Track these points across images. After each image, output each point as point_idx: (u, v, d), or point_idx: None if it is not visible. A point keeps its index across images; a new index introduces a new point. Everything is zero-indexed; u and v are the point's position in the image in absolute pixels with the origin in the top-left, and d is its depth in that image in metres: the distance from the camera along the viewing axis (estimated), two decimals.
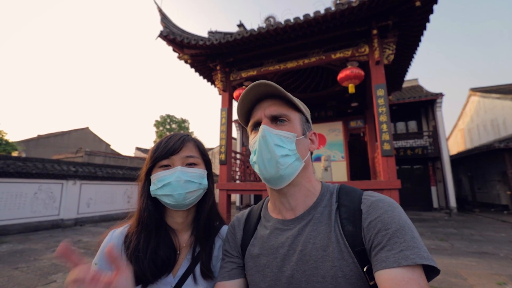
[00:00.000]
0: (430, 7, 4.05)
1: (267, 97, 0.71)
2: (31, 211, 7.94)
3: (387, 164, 4.06)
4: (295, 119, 0.70)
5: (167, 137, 0.81)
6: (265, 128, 0.66)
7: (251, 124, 0.73)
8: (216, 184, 5.22)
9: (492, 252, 4.99)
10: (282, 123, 0.69)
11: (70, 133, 21.95)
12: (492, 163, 12.37)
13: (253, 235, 0.75)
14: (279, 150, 0.65)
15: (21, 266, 4.41)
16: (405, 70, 6.23)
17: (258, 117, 0.70)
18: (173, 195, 0.74)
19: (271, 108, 0.69)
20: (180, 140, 0.79)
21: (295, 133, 0.68)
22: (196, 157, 0.81)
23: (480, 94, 14.91)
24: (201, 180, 0.79)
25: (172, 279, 0.73)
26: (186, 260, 0.77)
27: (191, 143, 0.82)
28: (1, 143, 13.01)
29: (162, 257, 0.73)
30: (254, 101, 0.72)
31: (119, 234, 0.78)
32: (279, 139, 0.66)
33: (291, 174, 0.66)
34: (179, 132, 0.88)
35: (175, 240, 0.79)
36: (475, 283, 3.46)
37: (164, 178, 0.75)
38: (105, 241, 0.77)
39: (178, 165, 0.76)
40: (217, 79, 5.74)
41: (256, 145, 0.67)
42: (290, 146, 0.66)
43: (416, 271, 0.49)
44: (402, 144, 12.17)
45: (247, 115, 0.75)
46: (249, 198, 16.10)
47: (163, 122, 28.96)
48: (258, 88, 0.68)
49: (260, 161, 0.66)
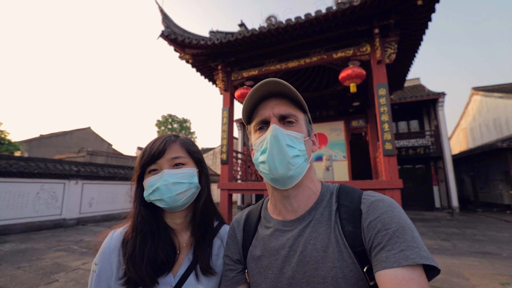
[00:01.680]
0: (432, 6, 4.03)
1: (272, 95, 0.70)
2: (33, 211, 7.98)
3: (389, 163, 4.04)
4: (302, 120, 0.70)
5: (152, 141, 0.80)
6: (276, 128, 0.65)
7: (256, 122, 0.71)
8: (218, 184, 5.22)
9: (495, 252, 4.97)
10: (290, 124, 0.68)
11: (72, 133, 22.03)
12: (494, 163, 12.31)
13: (254, 236, 0.75)
14: (291, 150, 0.64)
15: (24, 265, 4.43)
16: (407, 69, 6.21)
17: (266, 116, 0.68)
18: (164, 199, 0.74)
19: (280, 107, 0.68)
20: (163, 142, 0.78)
21: (303, 134, 0.68)
22: (183, 157, 0.80)
23: (482, 93, 14.83)
24: (191, 179, 0.78)
25: (172, 278, 0.73)
26: (186, 260, 0.77)
27: (176, 143, 0.81)
28: (3, 143, 13.07)
29: (161, 258, 0.73)
30: (259, 99, 0.71)
31: (118, 235, 0.78)
32: (290, 139, 0.65)
33: (300, 175, 0.66)
34: (182, 134, 0.88)
35: (175, 240, 0.79)
36: (477, 283, 3.44)
37: (153, 183, 0.75)
38: (106, 242, 0.77)
39: (165, 168, 0.76)
40: (218, 79, 5.74)
41: (266, 144, 0.66)
42: (300, 147, 0.66)
43: (417, 271, 0.49)
44: (404, 143, 12.13)
45: (250, 113, 0.74)
46: (251, 197, 16.11)
47: (165, 122, 29.06)
48: (267, 86, 0.67)
49: (270, 161, 0.65)
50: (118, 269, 0.72)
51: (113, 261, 0.74)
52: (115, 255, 0.74)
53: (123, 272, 0.71)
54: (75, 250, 5.51)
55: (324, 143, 7.83)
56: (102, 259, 0.74)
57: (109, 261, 0.74)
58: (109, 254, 0.75)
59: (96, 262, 0.74)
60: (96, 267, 0.74)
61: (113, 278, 0.72)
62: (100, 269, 0.73)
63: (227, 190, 5.13)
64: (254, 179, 6.72)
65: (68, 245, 6.03)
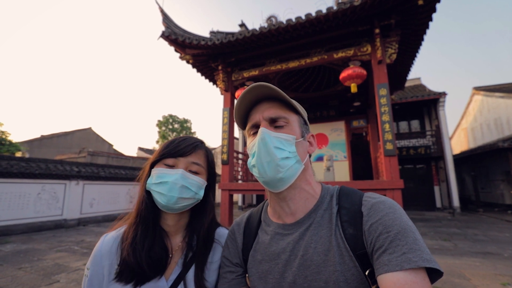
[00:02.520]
0: (433, 6, 4.02)
1: (264, 99, 0.70)
2: (34, 211, 8.00)
3: (390, 163, 4.03)
4: (294, 122, 0.69)
5: (182, 137, 0.81)
6: (264, 131, 0.65)
7: (249, 127, 0.71)
8: (218, 184, 5.22)
9: (496, 252, 4.96)
10: (281, 127, 0.67)
11: (73, 134, 22.07)
12: (495, 163, 12.28)
13: (255, 240, 0.74)
14: (279, 152, 0.64)
15: (25, 266, 4.44)
16: (408, 69, 6.20)
17: (256, 120, 0.69)
18: (166, 195, 0.73)
19: (270, 110, 0.68)
20: (193, 144, 0.79)
21: (295, 136, 0.67)
22: (202, 166, 0.80)
23: (483, 93, 14.79)
24: (198, 190, 0.78)
25: (165, 283, 0.73)
26: (178, 265, 0.76)
27: (202, 151, 0.81)
28: (4, 144, 13.10)
29: (156, 254, 0.73)
30: (251, 104, 0.71)
31: (110, 239, 0.77)
32: (278, 141, 0.65)
33: (291, 177, 0.66)
34: (183, 134, 0.87)
35: (167, 242, 0.78)
36: (479, 283, 3.43)
37: (164, 175, 0.74)
38: (97, 246, 0.77)
39: (181, 168, 0.76)
40: (219, 79, 5.74)
41: (255, 148, 0.66)
42: (290, 148, 0.65)
43: (419, 274, 0.48)
44: (405, 143, 12.12)
45: (244, 118, 0.74)
46: (251, 198, 16.12)
47: (166, 122, 29.06)
48: (255, 90, 0.67)
49: (259, 164, 0.65)
50: (110, 273, 0.72)
51: (105, 265, 0.73)
52: (107, 259, 0.74)
53: (117, 270, 0.71)
54: (76, 251, 5.52)
55: (324, 143, 7.82)
56: (94, 263, 0.73)
57: (101, 265, 0.73)
58: (100, 258, 0.74)
59: (88, 267, 0.74)
60: (88, 271, 0.73)
61: (104, 281, 0.72)
62: (92, 274, 0.72)
63: (228, 191, 5.13)
64: (255, 180, 6.71)
65: (69, 245, 6.04)
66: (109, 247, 0.75)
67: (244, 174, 6.29)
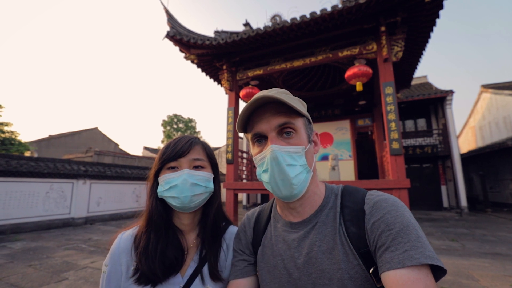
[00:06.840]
0: (439, 3, 3.95)
1: (266, 103, 0.65)
2: (43, 210, 8.15)
3: (396, 163, 3.99)
4: (301, 128, 0.66)
5: (176, 139, 0.82)
6: (275, 149, 0.62)
7: (253, 134, 0.67)
8: (223, 184, 5.24)
9: (506, 253, 4.87)
10: (289, 135, 0.65)
11: (80, 133, 22.39)
12: (505, 162, 12.05)
13: (264, 234, 0.76)
14: (292, 170, 0.62)
15: (34, 263, 4.53)
16: (414, 67, 6.11)
17: (263, 130, 0.65)
18: (179, 197, 0.74)
19: (276, 118, 0.64)
20: (188, 142, 0.80)
21: (303, 145, 0.65)
22: (204, 160, 0.81)
23: (492, 91, 14.51)
24: (207, 184, 0.80)
25: (180, 279, 0.75)
26: (193, 261, 0.78)
27: (199, 146, 0.83)
28: (14, 144, 13.37)
29: (170, 258, 0.74)
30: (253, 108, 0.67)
31: (128, 237, 0.80)
32: (289, 157, 0.63)
33: (304, 189, 0.66)
34: (187, 134, 0.89)
35: (182, 240, 0.80)
36: (488, 284, 3.38)
37: (171, 180, 0.75)
38: (115, 244, 0.79)
39: (186, 168, 0.77)
40: (223, 79, 5.75)
41: (267, 165, 0.63)
42: (301, 161, 0.64)
43: (422, 271, 0.48)
44: (411, 142, 11.97)
45: (245, 123, 0.70)
46: (256, 197, 16.14)
47: (170, 122, 29.25)
48: (259, 101, 0.63)
49: (273, 183, 0.64)
50: (128, 269, 0.74)
51: (123, 262, 0.75)
52: (124, 256, 0.76)
53: (134, 268, 0.73)
54: (84, 249, 5.60)
55: (329, 142, 7.77)
56: (112, 261, 0.76)
57: (119, 262, 0.76)
58: (118, 255, 0.76)
59: (106, 264, 0.76)
60: (106, 268, 0.76)
61: (122, 278, 0.74)
62: (110, 270, 0.75)
63: (233, 190, 5.14)
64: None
65: (77, 243, 6.13)
66: (126, 245, 0.78)
67: (249, 173, 6.30)
